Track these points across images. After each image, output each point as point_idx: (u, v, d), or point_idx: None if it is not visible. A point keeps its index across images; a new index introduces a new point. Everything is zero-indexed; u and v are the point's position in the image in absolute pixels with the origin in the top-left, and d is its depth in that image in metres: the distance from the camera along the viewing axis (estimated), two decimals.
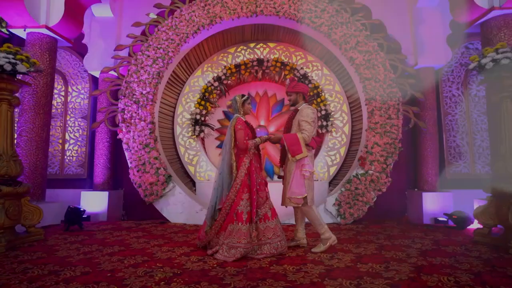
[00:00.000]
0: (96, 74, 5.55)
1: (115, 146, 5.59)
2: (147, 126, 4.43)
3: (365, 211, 4.26)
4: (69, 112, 5.96)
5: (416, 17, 5.11)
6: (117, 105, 4.80)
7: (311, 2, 4.62)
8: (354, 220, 4.29)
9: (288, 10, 4.60)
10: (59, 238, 3.50)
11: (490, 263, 2.58)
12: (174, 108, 5.46)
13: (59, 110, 5.89)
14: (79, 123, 5.94)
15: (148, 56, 4.56)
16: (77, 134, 5.92)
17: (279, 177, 3.29)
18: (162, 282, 2.21)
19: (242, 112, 3.01)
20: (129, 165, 4.47)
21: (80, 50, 5.93)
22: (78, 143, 5.90)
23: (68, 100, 5.98)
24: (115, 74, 5.28)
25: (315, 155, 4.68)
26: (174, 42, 4.59)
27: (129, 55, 5.09)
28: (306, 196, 2.95)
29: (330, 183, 5.18)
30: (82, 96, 5.98)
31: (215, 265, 2.58)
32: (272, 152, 5.77)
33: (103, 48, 5.37)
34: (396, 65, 4.70)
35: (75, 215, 3.81)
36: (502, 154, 3.09)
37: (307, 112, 2.98)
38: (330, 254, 2.87)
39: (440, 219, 4.66)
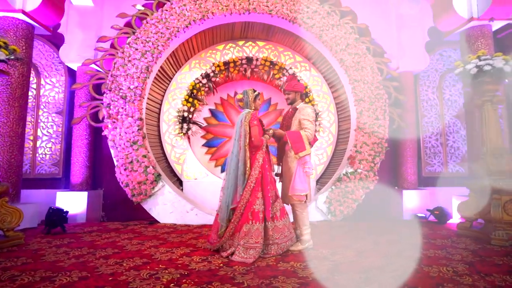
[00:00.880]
0: (74, 66, 5.20)
1: (95, 144, 5.30)
2: (135, 123, 4.23)
3: (354, 208, 4.41)
4: (42, 107, 5.52)
5: (399, 23, 5.38)
6: (100, 99, 4.53)
7: (303, 3, 4.69)
8: (344, 217, 4.42)
9: (281, 9, 4.63)
10: (42, 242, 3.23)
11: (477, 254, 2.78)
12: (160, 105, 5.27)
13: (30, 104, 5.42)
14: (53, 118, 5.52)
15: (136, 49, 4.36)
16: (50, 131, 5.50)
17: (277, 175, 3.27)
18: (172, 284, 2.12)
19: (253, 108, 2.95)
20: (115, 163, 4.23)
21: (55, 40, 5.52)
22: (52, 140, 5.48)
23: (41, 94, 5.54)
24: (95, 67, 4.99)
25: None
26: (164, 36, 4.42)
27: (112, 47, 4.83)
28: (306, 194, 2.99)
29: (317, 181, 5.30)
30: (56, 89, 5.57)
31: (222, 265, 2.53)
32: None
33: (81, 38, 5.05)
34: (382, 68, 4.91)
35: (57, 217, 3.53)
36: (483, 154, 3.35)
37: (308, 111, 3.01)
38: (332, 250, 2.93)
39: (419, 215, 4.95)
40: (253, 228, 2.67)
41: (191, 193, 5.00)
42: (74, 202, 4.73)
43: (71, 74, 5.55)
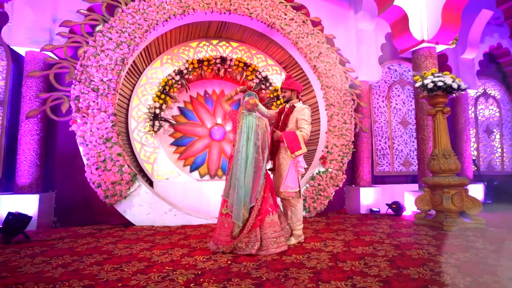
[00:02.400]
0: (21, 50, 4.54)
1: (47, 140, 4.70)
2: (109, 118, 3.90)
3: (326, 204, 4.78)
4: None
5: (358, 38, 5.99)
6: (63, 91, 4.06)
7: (281, 10, 4.91)
8: (317, 213, 4.76)
9: (261, 13, 4.78)
10: (6, 252, 2.78)
11: (437, 238, 3.32)
12: (129, 100, 4.94)
13: None
14: None
15: (110, 39, 4.02)
16: None
17: (269, 170, 3.39)
18: (192, 284, 2.09)
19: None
20: (85, 162, 3.84)
21: None
22: None
23: None
24: (49, 54, 4.43)
25: None
26: (141, 28, 4.17)
27: (71, 33, 4.36)
28: (299, 190, 3.19)
29: None
30: None
31: (229, 262, 2.55)
32: (228, 151, 5.81)
33: (33, 20, 4.44)
34: (347, 76, 5.41)
35: (20, 224, 3.06)
36: (436, 155, 3.99)
37: (306, 112, 3.19)
38: (322, 242, 3.17)
39: (374, 209, 5.59)
40: (275, 218, 2.89)
41: (162, 194, 4.77)
42: (21, 207, 4.12)
43: (15, 59, 4.83)
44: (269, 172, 3.27)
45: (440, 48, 5.01)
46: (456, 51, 6.80)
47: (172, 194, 4.87)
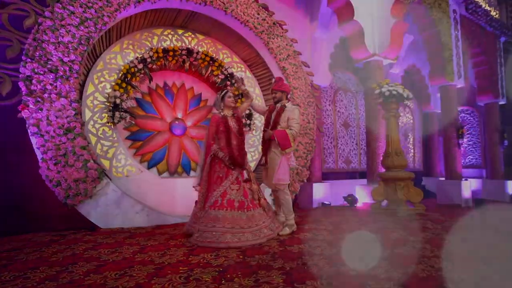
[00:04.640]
0: None
1: None
2: (71, 105, 3.32)
3: (293, 199, 5.03)
4: None
5: (313, 45, 6.48)
6: (2, 68, 3.28)
7: (254, 9, 4.97)
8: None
9: (236, 9, 4.75)
10: None
11: (398, 223, 3.88)
12: (82, 86, 4.28)
13: None
14: None
15: (73, 13, 3.43)
16: None
17: (262, 164, 3.50)
18: (222, 280, 2.01)
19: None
20: (41, 155, 3.18)
21: None
22: None
23: None
24: None
25: None
26: (111, 5, 3.68)
27: None
28: (289, 183, 3.38)
29: None
30: None
31: (241, 256, 2.52)
32: (189, 147, 5.59)
33: None
34: (308, 79, 5.81)
35: None
36: (389, 153, 4.65)
37: (296, 112, 3.41)
38: (310, 233, 3.37)
39: (326, 202, 6.12)
40: None
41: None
42: None
43: None
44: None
45: (386, 62, 5.83)
46: (386, 66, 7.97)
47: (134, 192, 4.41)
